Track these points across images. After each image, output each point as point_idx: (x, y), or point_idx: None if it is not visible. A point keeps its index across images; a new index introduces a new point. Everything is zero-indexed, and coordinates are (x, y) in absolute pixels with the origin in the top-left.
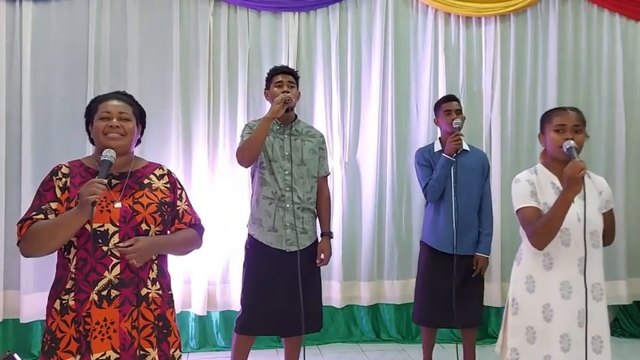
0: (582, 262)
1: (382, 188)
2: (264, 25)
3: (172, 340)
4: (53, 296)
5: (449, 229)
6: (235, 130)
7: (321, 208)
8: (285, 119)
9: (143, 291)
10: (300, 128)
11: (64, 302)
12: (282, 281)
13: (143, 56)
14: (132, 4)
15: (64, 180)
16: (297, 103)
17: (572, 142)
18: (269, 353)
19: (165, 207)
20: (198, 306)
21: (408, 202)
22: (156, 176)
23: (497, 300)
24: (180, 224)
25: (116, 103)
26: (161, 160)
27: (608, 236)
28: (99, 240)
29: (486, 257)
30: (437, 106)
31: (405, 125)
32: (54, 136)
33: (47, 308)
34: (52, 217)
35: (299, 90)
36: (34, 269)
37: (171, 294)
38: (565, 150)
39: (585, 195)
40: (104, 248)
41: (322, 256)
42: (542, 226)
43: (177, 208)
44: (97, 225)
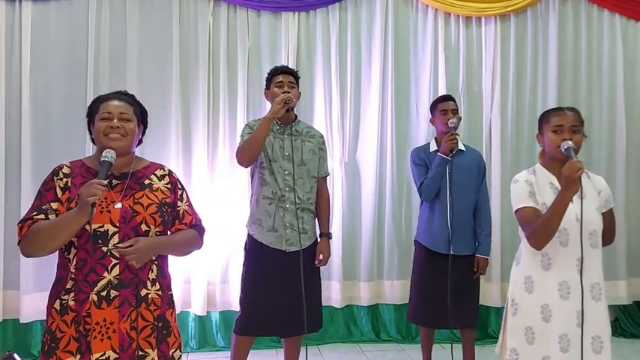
0: (581, 263)
1: (382, 188)
2: (264, 24)
3: (172, 340)
4: (53, 296)
5: (444, 229)
6: (235, 129)
7: (320, 208)
8: (285, 119)
9: (142, 292)
10: (300, 128)
11: (63, 302)
12: (282, 281)
13: (143, 56)
14: (131, 4)
15: (65, 180)
16: (297, 103)
17: (569, 142)
18: (269, 353)
19: (166, 207)
20: (198, 306)
21: (407, 202)
22: (157, 177)
23: (497, 300)
24: (180, 225)
25: (117, 103)
26: (161, 159)
27: (609, 236)
28: (99, 240)
29: (486, 258)
30: (433, 106)
31: (404, 125)
32: (53, 136)
33: (47, 308)
34: (52, 217)
35: (299, 90)
36: (33, 269)
37: (172, 294)
38: (563, 150)
39: (582, 195)
40: (104, 249)
41: (321, 256)
42: (540, 226)
43: (178, 209)
44: (96, 225)
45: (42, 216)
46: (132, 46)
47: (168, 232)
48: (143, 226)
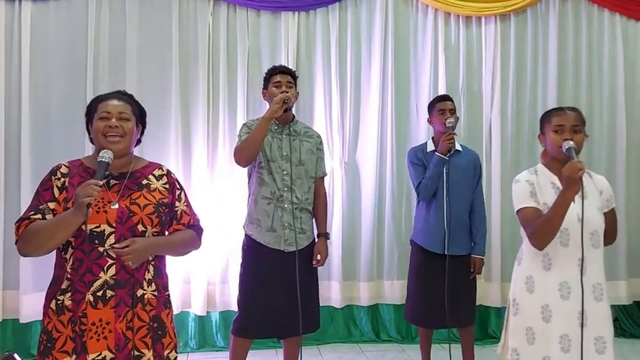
0: (582, 263)
1: (382, 188)
2: (264, 24)
3: (167, 341)
4: (50, 296)
5: (440, 228)
6: (235, 129)
7: (318, 208)
8: (283, 119)
9: (139, 292)
10: (298, 128)
11: (59, 302)
12: (280, 282)
13: (142, 56)
14: (131, 4)
15: (63, 180)
16: (296, 102)
17: (571, 142)
18: (269, 353)
19: (163, 208)
20: (198, 306)
21: (407, 202)
22: (155, 177)
23: (497, 300)
24: (178, 225)
25: (116, 102)
26: (160, 160)
27: (610, 236)
28: (95, 241)
29: (482, 258)
30: (431, 106)
31: (404, 125)
32: (53, 136)
33: (44, 308)
34: (49, 217)
35: (297, 90)
36: (33, 269)
37: (168, 295)
38: (564, 150)
39: (584, 195)
40: (100, 249)
41: (319, 257)
42: (541, 226)
43: (176, 209)
44: (93, 226)
45: (39, 216)
46: (131, 46)
47: (166, 233)
48: (140, 227)
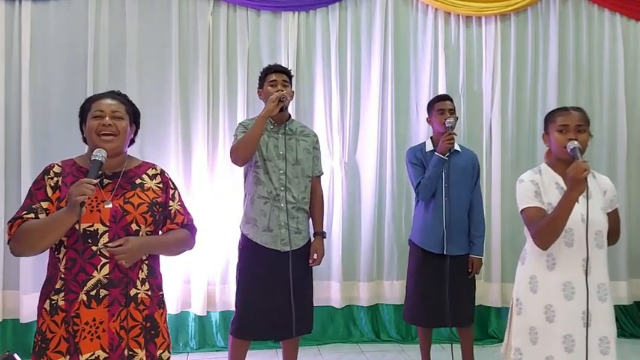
0: (586, 263)
1: (382, 188)
2: (264, 24)
3: (160, 341)
4: (43, 296)
5: (439, 228)
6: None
7: (314, 207)
8: (278, 118)
9: (132, 291)
10: (294, 127)
11: (53, 302)
12: (277, 282)
13: (142, 56)
14: (131, 4)
15: (56, 179)
16: (297, 102)
17: (575, 142)
18: (269, 353)
19: (157, 207)
20: (198, 306)
21: (407, 202)
22: (148, 176)
23: (497, 300)
24: (172, 224)
25: (109, 101)
26: (161, 159)
27: (613, 236)
28: (88, 240)
29: (480, 258)
30: (430, 105)
31: (404, 125)
32: (53, 136)
33: (38, 308)
34: (42, 216)
35: (292, 89)
36: (33, 269)
37: (162, 295)
38: (569, 150)
39: (588, 195)
40: (93, 248)
41: (315, 256)
42: (545, 226)
43: (170, 208)
44: (86, 225)
45: (32, 215)
46: (131, 46)
47: (160, 232)
48: (133, 226)
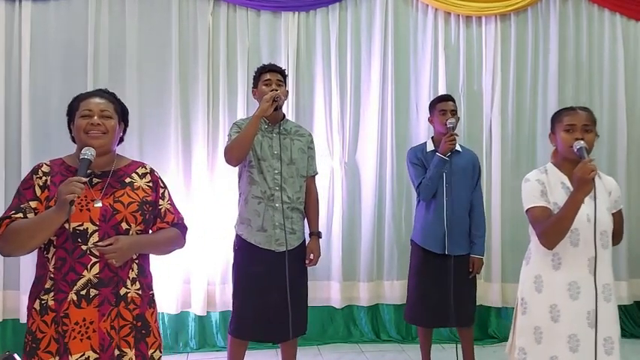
0: (592, 263)
1: (382, 188)
2: (264, 24)
3: (151, 340)
4: (33, 295)
5: (440, 228)
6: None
7: (309, 207)
8: (273, 118)
9: (122, 290)
10: (288, 127)
11: (43, 302)
12: (271, 282)
13: (142, 56)
14: (131, 4)
15: (45, 179)
16: (296, 102)
17: (582, 142)
18: (269, 353)
19: (147, 206)
20: (198, 306)
21: (407, 202)
22: (138, 175)
23: (497, 300)
24: (162, 223)
25: (98, 100)
26: (161, 159)
27: (617, 237)
28: (78, 239)
29: (481, 258)
30: (432, 105)
31: (404, 125)
32: (53, 136)
33: (27, 308)
34: (31, 216)
35: (287, 89)
36: (33, 269)
37: (152, 294)
38: (575, 150)
39: (596, 196)
40: (83, 247)
41: (312, 256)
42: (551, 226)
43: (160, 207)
44: (76, 224)
45: (20, 215)
46: (131, 46)
47: (150, 231)
48: (123, 225)
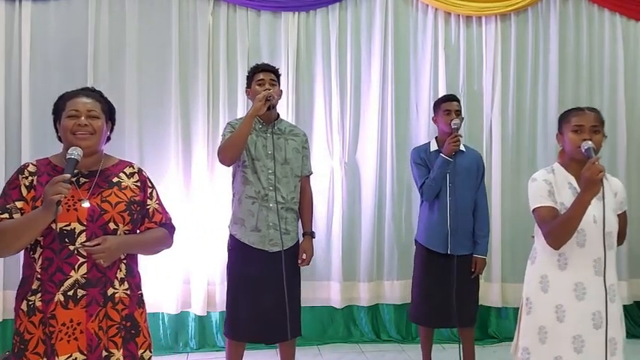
0: (598, 264)
1: (382, 188)
2: (264, 24)
3: (141, 340)
4: (20, 296)
5: (443, 228)
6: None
7: (303, 207)
8: (267, 118)
9: (110, 291)
10: (282, 127)
11: (30, 303)
12: (266, 283)
13: (142, 56)
14: (131, 4)
15: (31, 179)
16: (296, 102)
17: (590, 142)
18: (269, 353)
19: (135, 206)
20: (198, 306)
21: (407, 202)
22: (126, 174)
23: (497, 300)
24: (150, 223)
25: (85, 100)
26: (161, 159)
27: (621, 238)
28: (65, 239)
29: (484, 258)
30: (436, 105)
31: (404, 125)
32: (52, 135)
33: (15, 309)
34: (17, 216)
35: (280, 88)
36: None
37: (141, 294)
38: (583, 151)
39: (604, 197)
40: (70, 247)
41: (304, 256)
42: (558, 227)
43: (148, 207)
44: (63, 224)
45: (6, 215)
46: (131, 46)
47: (138, 231)
48: (111, 225)
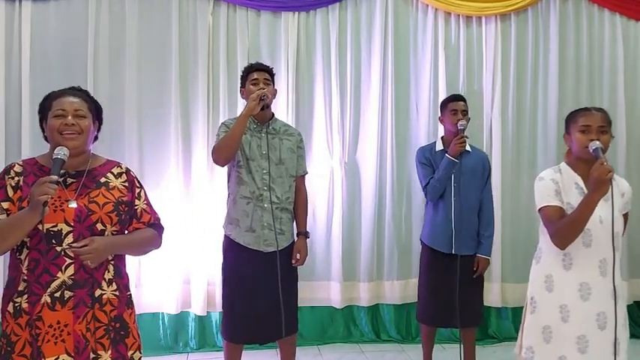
0: (603, 264)
1: (382, 188)
2: (264, 24)
3: (131, 341)
4: (6, 298)
5: (447, 228)
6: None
7: (298, 207)
8: (261, 117)
9: (97, 292)
10: (277, 127)
11: (16, 305)
12: (261, 283)
13: (142, 56)
14: (131, 4)
15: (17, 179)
16: (296, 102)
17: (597, 142)
18: (269, 353)
19: (122, 206)
20: (198, 306)
21: (408, 202)
22: (113, 175)
23: (497, 300)
24: (138, 224)
25: (72, 99)
26: (160, 159)
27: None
28: (52, 240)
29: (487, 259)
30: (443, 105)
31: (404, 125)
32: None
33: (1, 311)
34: (3, 217)
35: (275, 87)
36: None
37: (130, 295)
38: (591, 151)
39: (613, 196)
40: (57, 248)
41: (298, 256)
42: (565, 227)
43: (136, 207)
44: (50, 225)
45: None
46: (131, 46)
47: (126, 232)
48: (99, 226)
